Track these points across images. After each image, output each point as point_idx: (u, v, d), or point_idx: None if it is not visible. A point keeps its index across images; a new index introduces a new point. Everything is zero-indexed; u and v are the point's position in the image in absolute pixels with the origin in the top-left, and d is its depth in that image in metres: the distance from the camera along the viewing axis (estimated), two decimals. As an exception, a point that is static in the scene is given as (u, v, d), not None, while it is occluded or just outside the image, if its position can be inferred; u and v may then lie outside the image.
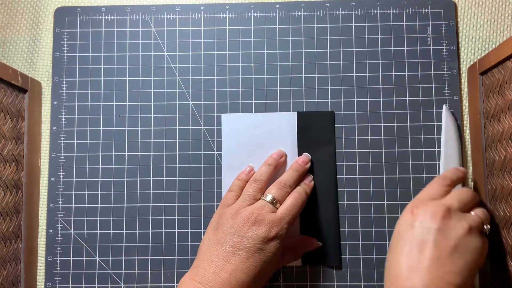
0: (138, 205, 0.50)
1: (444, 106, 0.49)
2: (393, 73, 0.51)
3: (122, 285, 0.49)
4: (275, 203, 0.43)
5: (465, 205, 0.40)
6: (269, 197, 0.44)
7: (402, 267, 0.37)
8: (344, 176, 0.50)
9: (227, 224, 0.42)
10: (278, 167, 0.48)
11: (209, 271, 0.40)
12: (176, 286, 0.49)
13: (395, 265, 0.38)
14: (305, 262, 0.48)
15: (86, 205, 0.50)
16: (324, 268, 0.49)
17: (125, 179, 0.50)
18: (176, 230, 0.50)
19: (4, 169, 0.46)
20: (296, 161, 0.48)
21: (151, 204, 0.50)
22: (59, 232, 0.50)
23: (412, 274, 0.36)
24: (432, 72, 0.50)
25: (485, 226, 0.40)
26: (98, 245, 0.50)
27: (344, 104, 0.51)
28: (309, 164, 0.48)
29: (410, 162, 0.49)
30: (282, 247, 0.43)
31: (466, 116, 0.50)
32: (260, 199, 0.44)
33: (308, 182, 0.48)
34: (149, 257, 0.49)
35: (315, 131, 0.49)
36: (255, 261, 0.40)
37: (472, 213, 0.40)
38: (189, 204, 0.50)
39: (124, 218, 0.50)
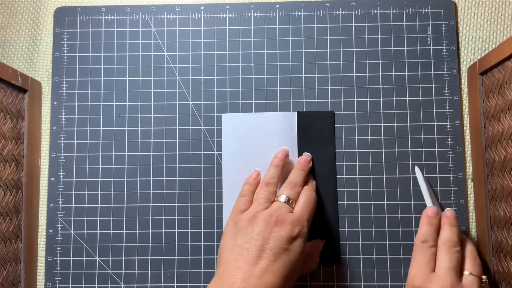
0: (138, 205, 0.50)
1: (416, 168, 0.49)
2: (393, 73, 0.51)
3: (122, 285, 0.49)
4: (291, 202, 0.43)
5: (457, 266, 0.41)
6: (283, 198, 0.44)
7: None
8: (344, 176, 0.50)
9: (247, 229, 0.41)
10: (285, 166, 0.48)
11: (237, 278, 0.38)
12: (176, 286, 0.49)
13: None
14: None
15: (86, 205, 0.50)
16: (324, 268, 0.49)
17: (125, 179, 0.50)
18: (176, 230, 0.50)
19: (4, 169, 0.46)
20: (298, 161, 0.48)
21: (151, 204, 0.50)
22: (59, 232, 0.50)
23: None
24: (432, 72, 0.50)
25: (483, 278, 0.42)
26: (98, 245, 0.50)
27: (344, 104, 0.51)
28: (311, 163, 0.48)
29: (410, 162, 0.49)
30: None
31: (466, 116, 0.50)
32: (274, 201, 0.44)
33: (312, 180, 0.48)
34: (149, 257, 0.49)
35: (315, 131, 0.49)
36: (283, 262, 0.40)
37: (466, 272, 0.42)
38: (189, 204, 0.50)
39: (124, 218, 0.50)
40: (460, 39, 0.51)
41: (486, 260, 0.46)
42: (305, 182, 0.47)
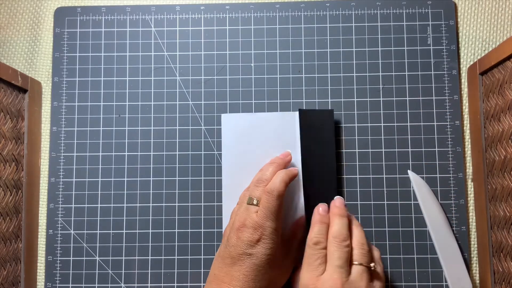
0: (138, 205, 0.50)
1: (409, 172, 0.49)
2: (393, 73, 0.51)
3: (122, 285, 0.49)
4: (256, 203, 0.41)
5: (347, 260, 0.40)
6: (247, 200, 0.42)
7: None
8: (344, 176, 0.50)
9: (224, 238, 0.43)
10: (283, 165, 0.47)
11: (212, 285, 0.41)
12: (176, 286, 0.49)
13: None
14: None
15: (86, 205, 0.50)
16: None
17: (125, 179, 0.50)
18: (176, 230, 0.50)
19: (4, 169, 0.46)
20: (276, 156, 0.47)
21: (151, 204, 0.50)
22: (59, 232, 0.50)
23: None
24: (432, 72, 0.50)
25: (371, 266, 0.40)
26: (98, 245, 0.50)
27: (344, 104, 0.51)
28: (291, 158, 0.46)
29: (410, 162, 0.49)
30: (287, 251, 0.43)
31: (466, 116, 0.50)
32: None
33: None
34: (149, 257, 0.49)
35: (315, 129, 0.49)
36: (250, 267, 0.39)
37: (355, 263, 0.40)
38: (189, 204, 0.50)
39: (124, 218, 0.50)
40: (460, 39, 0.51)
41: (486, 260, 0.46)
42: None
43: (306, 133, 0.49)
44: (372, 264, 0.40)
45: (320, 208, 0.43)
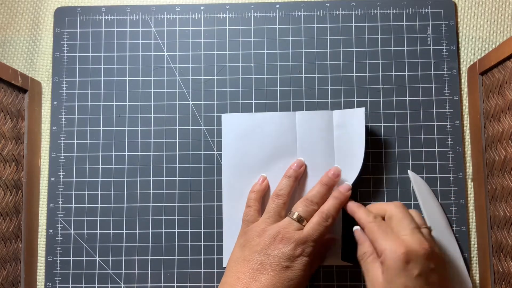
0: (138, 205, 0.50)
1: (409, 172, 0.49)
2: (393, 73, 0.51)
3: (122, 285, 0.49)
4: (302, 221, 0.43)
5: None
6: (295, 215, 0.43)
7: None
8: (344, 176, 0.50)
9: (253, 242, 0.42)
10: (299, 177, 0.47)
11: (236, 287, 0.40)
12: (176, 286, 0.49)
13: None
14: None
15: (86, 205, 0.50)
16: (324, 268, 0.49)
17: (125, 179, 0.50)
18: (176, 230, 0.50)
19: (4, 169, 0.46)
20: (326, 173, 0.46)
21: (151, 204, 0.50)
22: (59, 232, 0.50)
23: None
24: (432, 72, 0.50)
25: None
26: (98, 245, 0.50)
27: (344, 104, 0.51)
28: (340, 177, 0.46)
29: (410, 162, 0.49)
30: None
31: (466, 116, 0.50)
32: (285, 215, 0.44)
33: (344, 190, 0.45)
34: (149, 257, 0.49)
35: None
36: (282, 279, 0.40)
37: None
38: (189, 204, 0.50)
39: (124, 218, 0.50)
40: (460, 39, 0.51)
41: (486, 260, 0.46)
42: (327, 197, 0.45)
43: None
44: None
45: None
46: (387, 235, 0.40)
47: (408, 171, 0.49)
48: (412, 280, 0.37)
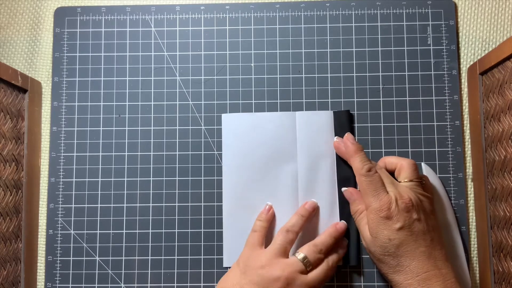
0: (138, 205, 0.50)
1: (422, 164, 0.49)
2: (393, 73, 0.51)
3: (122, 285, 0.49)
4: (308, 265, 0.43)
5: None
6: (301, 256, 0.43)
7: None
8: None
9: (256, 272, 0.42)
10: (310, 218, 0.47)
11: None
12: (176, 286, 0.49)
13: None
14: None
15: (86, 205, 0.50)
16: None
17: (125, 179, 0.50)
18: (176, 230, 0.50)
19: (4, 169, 0.46)
20: (333, 225, 0.47)
21: (151, 204, 0.50)
22: (59, 232, 0.50)
23: None
24: (432, 72, 0.50)
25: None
26: (98, 245, 0.50)
27: (344, 104, 0.51)
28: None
29: (410, 162, 0.49)
30: None
31: (466, 116, 0.50)
32: (290, 252, 0.44)
33: (343, 248, 0.47)
34: (149, 257, 0.49)
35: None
36: None
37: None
38: (189, 204, 0.50)
39: (124, 218, 0.50)
40: (460, 39, 0.51)
41: (486, 260, 0.46)
42: (332, 249, 0.46)
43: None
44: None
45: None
46: (375, 191, 0.42)
47: (422, 163, 0.49)
48: (394, 233, 0.41)
